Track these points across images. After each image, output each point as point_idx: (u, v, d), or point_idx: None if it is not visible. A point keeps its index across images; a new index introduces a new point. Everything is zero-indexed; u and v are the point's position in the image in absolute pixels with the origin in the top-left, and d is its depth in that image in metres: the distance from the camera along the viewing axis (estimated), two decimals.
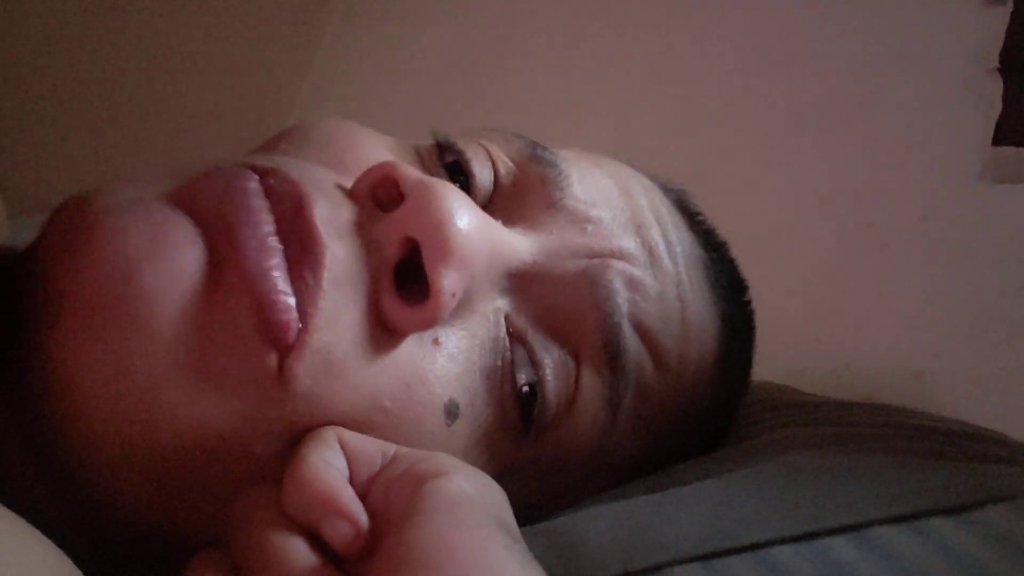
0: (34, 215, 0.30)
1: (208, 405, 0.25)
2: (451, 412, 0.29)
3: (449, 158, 0.34)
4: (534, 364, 0.31)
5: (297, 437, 0.26)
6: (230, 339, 0.25)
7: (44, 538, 0.23)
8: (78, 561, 0.24)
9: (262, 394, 0.26)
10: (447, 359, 0.29)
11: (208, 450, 0.26)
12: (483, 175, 0.33)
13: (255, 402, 0.26)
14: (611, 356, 0.32)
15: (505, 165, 0.34)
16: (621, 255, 0.33)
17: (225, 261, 0.26)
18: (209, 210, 0.26)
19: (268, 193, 0.27)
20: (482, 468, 0.29)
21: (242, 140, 0.35)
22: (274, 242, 0.26)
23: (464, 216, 0.28)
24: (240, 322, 0.25)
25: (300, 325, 0.26)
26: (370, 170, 0.30)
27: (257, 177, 0.28)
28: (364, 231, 0.28)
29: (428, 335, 0.29)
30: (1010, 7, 0.62)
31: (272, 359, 0.26)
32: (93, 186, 0.28)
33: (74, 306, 0.25)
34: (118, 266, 0.25)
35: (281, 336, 0.25)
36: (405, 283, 0.28)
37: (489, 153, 0.34)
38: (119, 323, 0.25)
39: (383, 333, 0.28)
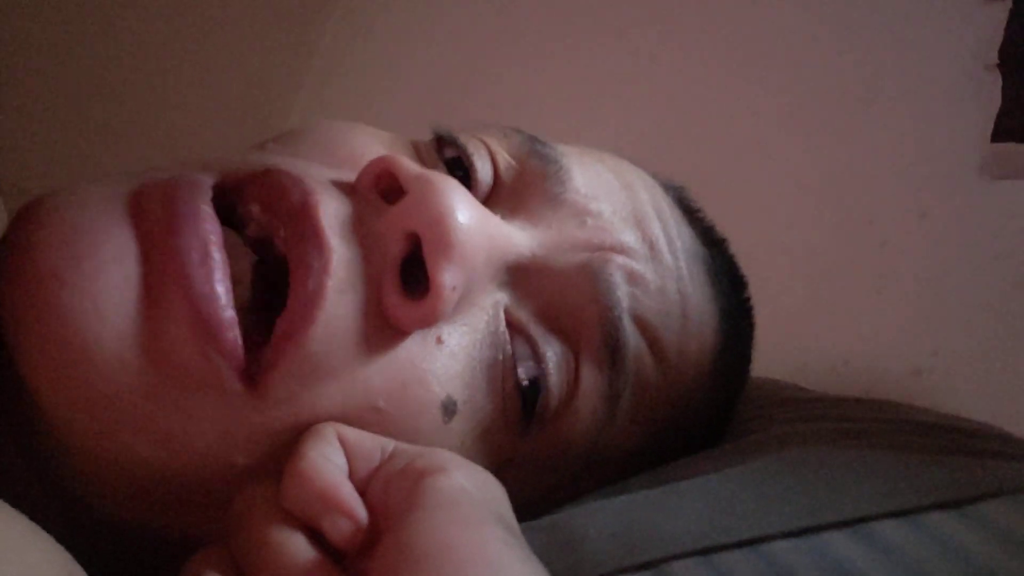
0: None
1: (174, 425, 0.25)
2: (448, 409, 0.29)
3: (449, 153, 0.34)
4: (536, 358, 0.31)
5: (284, 440, 0.26)
6: (179, 362, 0.25)
7: (46, 535, 0.23)
8: (78, 558, 0.24)
9: (232, 409, 0.25)
10: (448, 356, 0.29)
11: (186, 465, 0.25)
12: (484, 169, 0.33)
13: (225, 417, 0.25)
14: (611, 350, 0.32)
15: (505, 160, 0.34)
16: (622, 249, 0.33)
17: (162, 277, 0.25)
18: (152, 219, 0.26)
19: (265, 192, 0.27)
20: (480, 462, 0.29)
21: (242, 139, 0.35)
22: (216, 252, 0.25)
23: (464, 210, 0.28)
24: (181, 344, 0.25)
25: (281, 332, 0.25)
26: (371, 164, 0.29)
27: (211, 180, 0.27)
28: (366, 227, 0.28)
29: (432, 334, 0.29)
30: (1009, 3, 0.62)
31: (231, 376, 0.25)
32: (53, 192, 0.27)
33: (11, 320, 0.25)
34: (43, 281, 0.24)
35: (230, 351, 0.25)
36: (407, 276, 0.28)
37: (489, 147, 0.34)
38: (54, 340, 0.24)
39: (386, 332, 0.28)
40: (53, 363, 0.24)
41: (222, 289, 0.25)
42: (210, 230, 0.26)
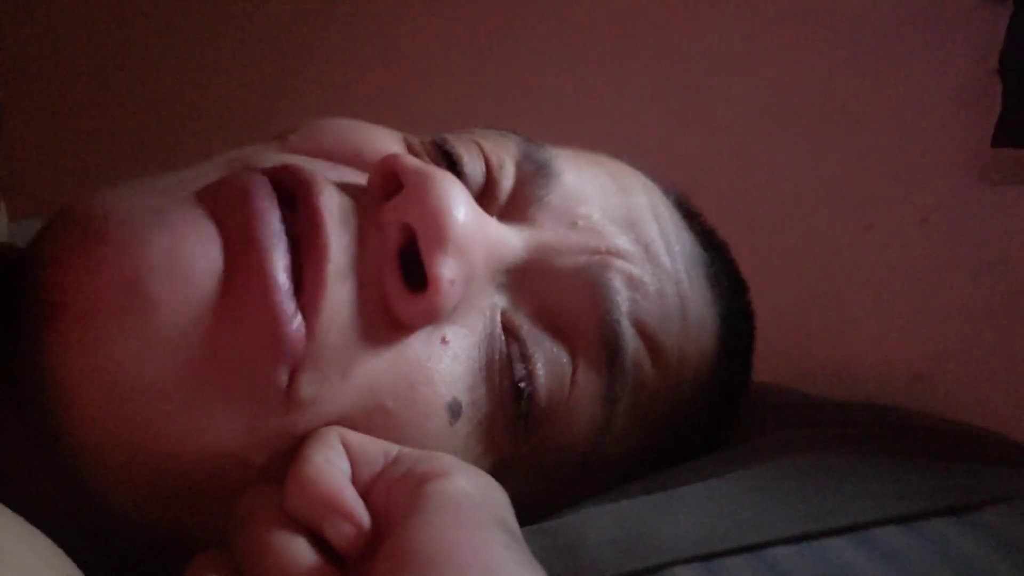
0: (36, 217, 0.30)
1: (211, 419, 0.25)
2: (454, 411, 0.29)
3: (442, 154, 0.34)
4: (524, 358, 0.31)
5: (296, 442, 0.26)
6: (244, 354, 0.25)
7: (45, 538, 0.23)
8: (79, 560, 0.24)
9: (268, 408, 0.26)
10: (451, 358, 0.29)
11: (207, 461, 0.26)
12: (475, 170, 0.33)
13: (260, 416, 0.26)
14: (609, 354, 0.32)
15: (499, 161, 0.34)
16: (618, 252, 0.33)
17: (240, 269, 0.25)
18: (229, 216, 0.26)
19: (276, 187, 0.27)
20: (481, 465, 0.29)
21: (244, 136, 0.35)
22: (285, 252, 0.26)
23: (462, 208, 0.28)
24: (255, 337, 0.25)
25: (306, 334, 0.26)
26: (379, 164, 0.30)
27: (269, 183, 0.28)
28: (367, 220, 0.28)
29: (436, 334, 0.29)
30: (1009, 9, 0.62)
31: (283, 376, 0.26)
32: (99, 190, 0.28)
33: (75, 313, 0.25)
34: (128, 273, 0.25)
35: (293, 352, 0.25)
36: (409, 278, 0.28)
37: (482, 149, 0.34)
38: (123, 331, 0.25)
39: (391, 327, 0.28)
40: (113, 349, 0.25)
41: (286, 280, 0.25)
42: (280, 230, 0.26)
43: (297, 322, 0.25)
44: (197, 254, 0.25)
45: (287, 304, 0.25)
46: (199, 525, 0.27)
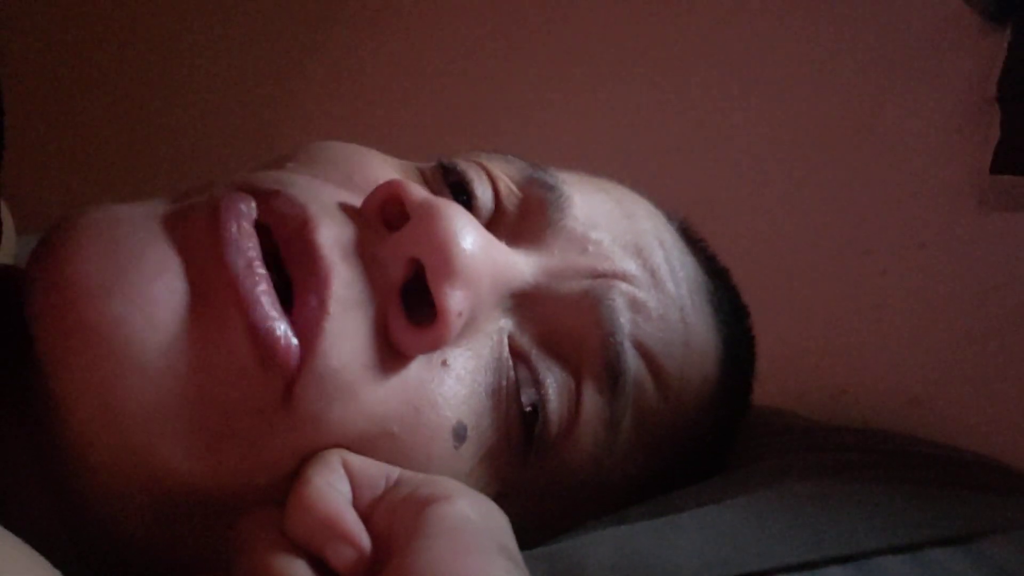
0: (41, 232, 0.30)
1: (210, 437, 0.25)
2: (459, 435, 0.29)
3: (452, 179, 0.34)
4: (536, 383, 0.31)
5: (300, 463, 0.26)
6: (229, 371, 0.25)
7: (44, 561, 0.23)
8: None
9: (267, 423, 0.26)
10: (455, 381, 0.29)
11: (211, 480, 0.25)
12: (485, 196, 0.34)
13: (260, 432, 0.26)
14: (612, 376, 0.32)
15: (506, 186, 0.34)
16: (624, 276, 0.33)
17: (212, 289, 0.25)
18: (196, 236, 0.26)
19: (271, 215, 0.27)
20: (485, 489, 0.28)
21: (247, 151, 0.35)
22: (260, 267, 0.26)
23: (468, 236, 0.28)
24: (238, 353, 0.25)
25: (300, 350, 0.25)
26: (377, 189, 0.30)
27: (252, 201, 0.27)
28: (370, 252, 0.28)
29: (437, 357, 0.29)
30: (1008, 36, 0.63)
31: (277, 386, 0.25)
32: (82, 208, 0.28)
33: (48, 333, 0.25)
34: (87, 293, 0.25)
35: (284, 362, 0.25)
36: (412, 303, 0.28)
37: (490, 174, 0.34)
38: (97, 352, 0.24)
39: (391, 355, 0.28)
40: (93, 372, 0.24)
41: (270, 301, 0.25)
42: (252, 247, 0.26)
43: (283, 330, 0.25)
44: (161, 289, 0.25)
45: (269, 317, 0.25)
46: (202, 547, 0.27)
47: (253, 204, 0.27)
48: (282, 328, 0.25)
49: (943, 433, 0.49)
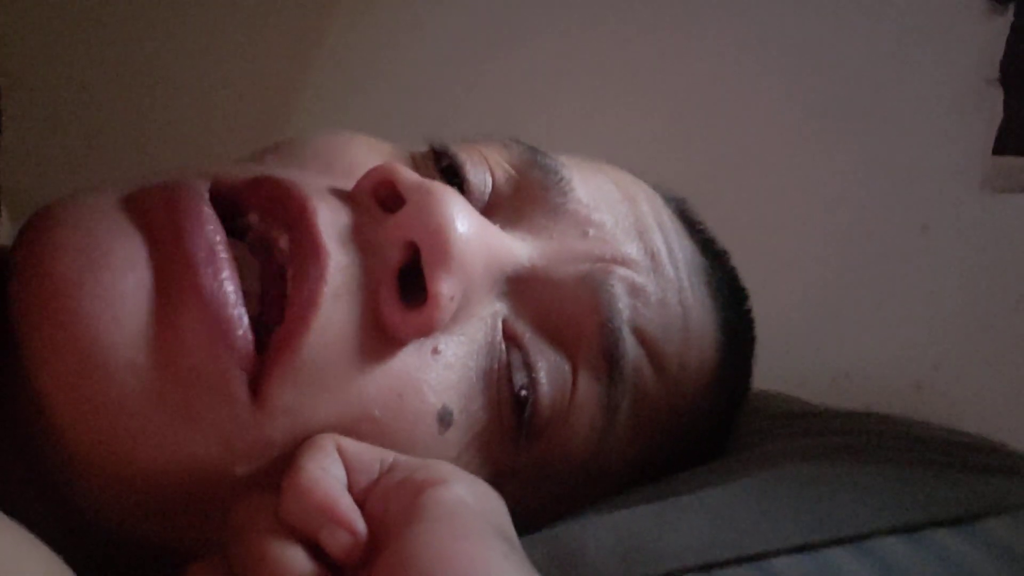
0: None
1: (178, 431, 0.25)
2: (444, 420, 0.29)
3: (444, 163, 0.34)
4: (528, 367, 0.31)
5: (282, 451, 0.26)
6: (190, 365, 0.25)
7: (43, 545, 0.23)
8: (75, 569, 0.24)
9: (235, 417, 0.25)
10: (444, 367, 0.29)
11: (186, 473, 0.25)
12: (478, 180, 0.33)
13: (229, 425, 0.25)
14: (610, 361, 0.32)
15: (504, 171, 0.34)
16: (623, 261, 0.33)
17: (174, 281, 0.25)
18: (158, 221, 0.26)
19: (267, 199, 0.27)
20: (478, 473, 0.28)
21: (243, 144, 0.35)
22: (223, 251, 0.25)
23: (463, 219, 0.28)
24: (196, 347, 0.25)
25: (277, 339, 0.25)
26: (370, 172, 0.29)
27: (207, 184, 0.27)
28: (365, 235, 0.28)
29: (428, 344, 0.29)
30: (1010, 17, 0.62)
31: (240, 380, 0.25)
32: (61, 199, 0.27)
33: (27, 328, 0.25)
34: (60, 288, 0.24)
35: (241, 356, 0.25)
36: (407, 287, 0.28)
37: (486, 158, 0.34)
38: (70, 348, 0.24)
39: (381, 341, 0.28)
40: (65, 369, 0.24)
41: (231, 288, 0.25)
42: (214, 230, 0.26)
43: (242, 329, 0.25)
44: (126, 278, 0.25)
45: (229, 313, 0.25)
46: (191, 535, 0.27)
47: (207, 187, 0.27)
48: (242, 320, 0.25)
49: (945, 416, 0.49)
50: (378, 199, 0.29)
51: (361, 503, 0.25)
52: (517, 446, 0.31)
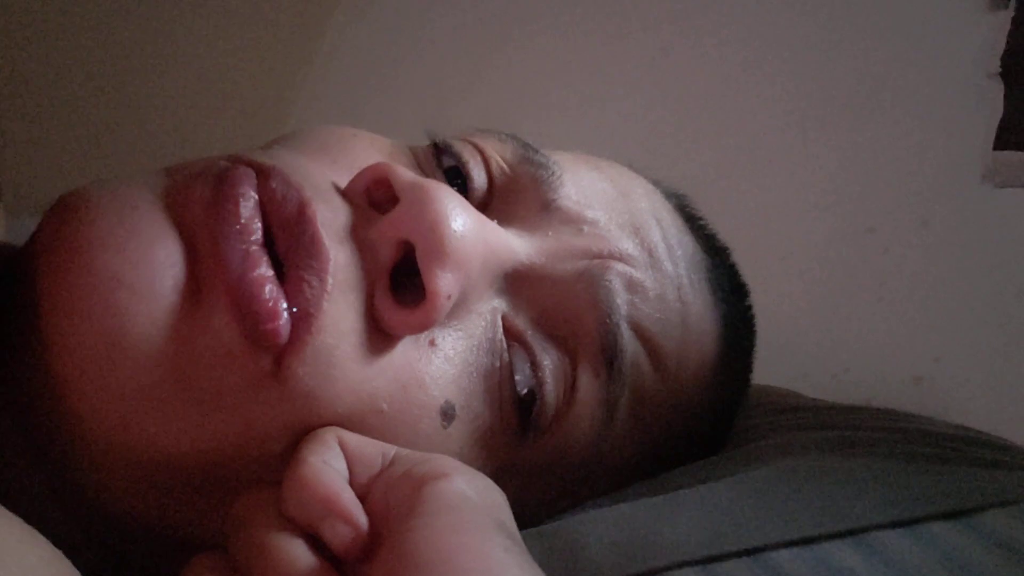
0: (33, 215, 0.30)
1: (201, 418, 0.25)
2: (447, 414, 0.29)
3: (447, 162, 0.34)
4: (534, 366, 0.31)
5: (295, 439, 0.26)
6: (216, 355, 0.25)
7: (43, 538, 0.23)
8: (77, 561, 0.24)
9: (258, 398, 0.26)
10: (443, 361, 0.29)
11: (204, 455, 0.26)
12: (479, 177, 0.33)
13: (252, 408, 0.26)
14: (608, 357, 0.32)
15: (499, 166, 0.34)
16: (620, 256, 0.33)
17: (207, 274, 0.25)
18: (196, 217, 0.26)
19: (269, 196, 0.27)
20: (480, 469, 0.28)
21: (242, 139, 0.35)
22: (258, 250, 0.26)
23: (459, 217, 0.28)
24: (224, 337, 0.25)
25: (293, 326, 0.25)
26: (363, 171, 0.30)
27: (253, 174, 0.27)
28: (360, 234, 0.28)
29: (424, 336, 0.29)
30: (1012, 12, 0.62)
31: (266, 362, 0.25)
32: (86, 184, 0.28)
33: (55, 315, 0.25)
34: (95, 280, 0.25)
35: (272, 342, 0.25)
36: (402, 282, 0.28)
37: (483, 153, 0.34)
38: (99, 337, 0.24)
39: (379, 335, 0.28)
40: (91, 356, 0.25)
41: (266, 282, 0.25)
42: (254, 229, 0.26)
43: (280, 306, 0.25)
44: (160, 265, 0.25)
45: (266, 294, 0.25)
46: (198, 525, 0.27)
47: (255, 183, 0.27)
48: (280, 305, 0.25)
49: (945, 411, 0.49)
50: (372, 198, 0.29)
51: (363, 497, 0.25)
52: (520, 443, 0.31)
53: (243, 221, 0.26)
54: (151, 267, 0.25)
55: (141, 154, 0.93)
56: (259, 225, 0.26)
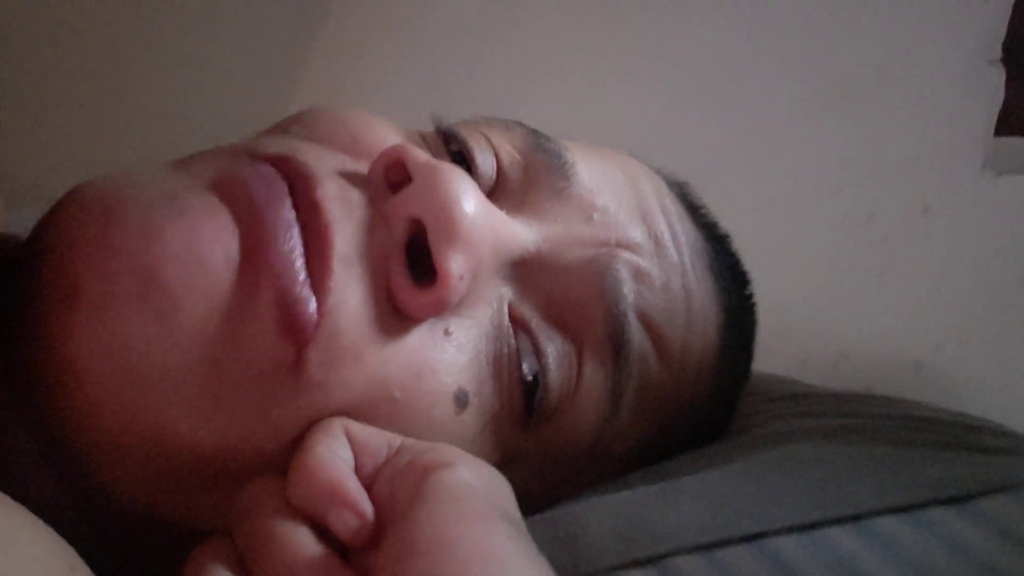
0: (32, 206, 0.30)
1: (227, 406, 0.25)
2: (460, 401, 0.29)
3: (453, 147, 0.34)
4: (537, 353, 0.31)
5: (306, 429, 0.26)
6: (254, 335, 0.25)
7: (48, 528, 0.23)
8: (81, 549, 0.24)
9: (276, 388, 0.26)
10: (456, 349, 0.29)
11: (220, 445, 0.26)
12: (485, 164, 0.33)
13: (269, 397, 0.26)
14: (615, 346, 0.32)
15: (508, 154, 0.34)
16: (627, 245, 0.33)
17: (254, 255, 0.25)
18: (240, 204, 0.26)
19: (284, 176, 0.27)
20: (487, 457, 0.29)
21: (241, 130, 0.35)
22: (298, 237, 0.26)
23: (471, 200, 0.28)
24: (265, 318, 0.25)
25: (317, 316, 0.26)
26: (382, 154, 0.30)
27: (275, 171, 0.28)
28: (373, 211, 0.28)
29: (440, 326, 0.29)
30: None
31: (290, 353, 0.26)
32: (108, 176, 0.28)
33: (92, 298, 0.25)
34: (145, 260, 0.25)
35: (302, 330, 0.25)
36: (416, 271, 0.28)
37: (491, 142, 0.34)
38: (141, 318, 0.24)
39: (394, 318, 0.28)
40: (125, 345, 0.25)
41: (301, 267, 0.26)
42: (292, 216, 0.26)
43: (312, 305, 0.25)
44: (214, 244, 0.25)
45: (299, 287, 0.25)
46: (206, 513, 0.27)
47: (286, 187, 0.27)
48: (311, 300, 0.25)
49: (946, 398, 0.49)
50: (389, 180, 0.29)
51: (368, 486, 0.25)
52: (525, 430, 0.31)
53: (285, 205, 0.26)
54: (202, 238, 0.25)
55: (140, 146, 0.93)
56: (294, 212, 0.26)
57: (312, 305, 0.25)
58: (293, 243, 0.26)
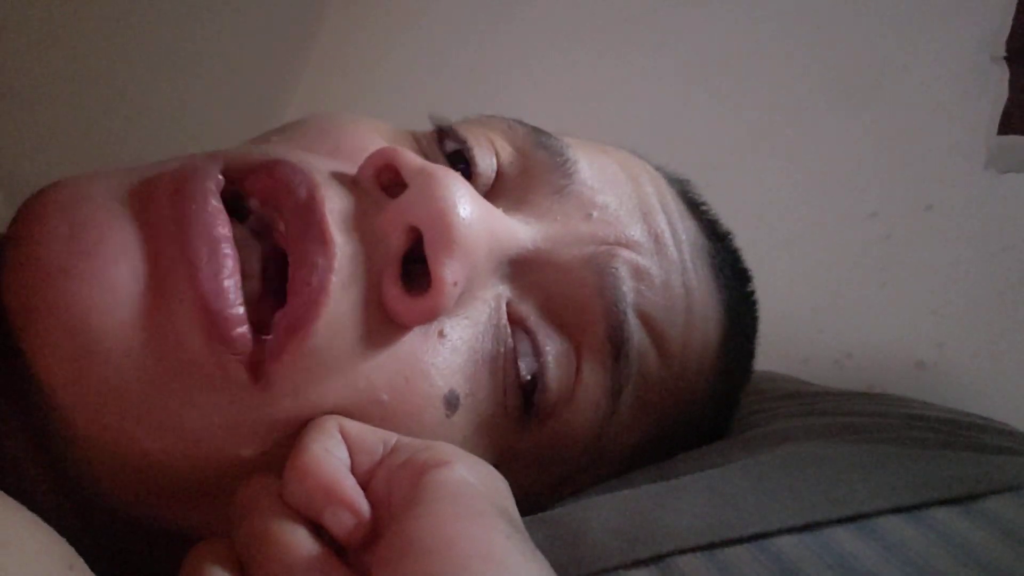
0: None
1: (179, 414, 0.25)
2: (451, 403, 0.29)
3: (450, 146, 0.33)
4: (536, 352, 0.31)
5: (288, 433, 0.26)
6: (184, 354, 0.25)
7: (46, 526, 0.23)
8: (80, 550, 0.24)
9: (238, 402, 0.25)
10: (450, 350, 0.29)
11: (190, 455, 0.25)
12: (485, 163, 0.33)
13: (232, 409, 0.25)
14: (615, 345, 0.32)
15: (508, 152, 0.34)
16: (627, 243, 0.33)
17: (169, 272, 0.25)
18: (160, 212, 0.26)
19: (274, 185, 0.27)
20: (483, 456, 0.28)
21: (241, 132, 0.35)
22: (227, 247, 0.25)
23: (466, 204, 0.28)
24: (189, 339, 0.25)
25: (283, 331, 0.25)
26: (372, 156, 0.29)
27: (219, 169, 0.27)
28: (368, 222, 0.28)
29: (433, 328, 0.29)
30: None
31: (236, 367, 0.25)
32: (49, 188, 0.27)
33: (18, 312, 0.25)
34: (50, 273, 0.24)
35: (236, 348, 0.25)
36: (407, 269, 0.28)
37: (491, 140, 0.34)
38: (61, 332, 0.24)
39: (387, 325, 0.27)
40: (60, 354, 0.24)
41: (231, 284, 0.25)
42: (220, 224, 0.25)
43: (242, 327, 0.25)
44: (120, 272, 0.25)
45: (228, 313, 0.25)
46: (200, 518, 0.27)
47: (220, 177, 0.27)
48: (236, 312, 0.25)
49: (948, 397, 0.49)
50: (381, 184, 0.29)
51: (364, 484, 0.25)
52: (522, 429, 0.31)
53: (211, 214, 0.25)
54: (102, 257, 0.24)
55: (140, 147, 0.93)
56: (225, 219, 0.26)
57: (243, 324, 0.25)
58: (221, 258, 0.25)
